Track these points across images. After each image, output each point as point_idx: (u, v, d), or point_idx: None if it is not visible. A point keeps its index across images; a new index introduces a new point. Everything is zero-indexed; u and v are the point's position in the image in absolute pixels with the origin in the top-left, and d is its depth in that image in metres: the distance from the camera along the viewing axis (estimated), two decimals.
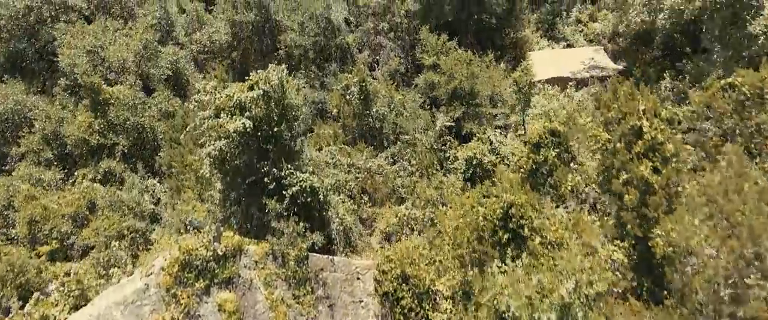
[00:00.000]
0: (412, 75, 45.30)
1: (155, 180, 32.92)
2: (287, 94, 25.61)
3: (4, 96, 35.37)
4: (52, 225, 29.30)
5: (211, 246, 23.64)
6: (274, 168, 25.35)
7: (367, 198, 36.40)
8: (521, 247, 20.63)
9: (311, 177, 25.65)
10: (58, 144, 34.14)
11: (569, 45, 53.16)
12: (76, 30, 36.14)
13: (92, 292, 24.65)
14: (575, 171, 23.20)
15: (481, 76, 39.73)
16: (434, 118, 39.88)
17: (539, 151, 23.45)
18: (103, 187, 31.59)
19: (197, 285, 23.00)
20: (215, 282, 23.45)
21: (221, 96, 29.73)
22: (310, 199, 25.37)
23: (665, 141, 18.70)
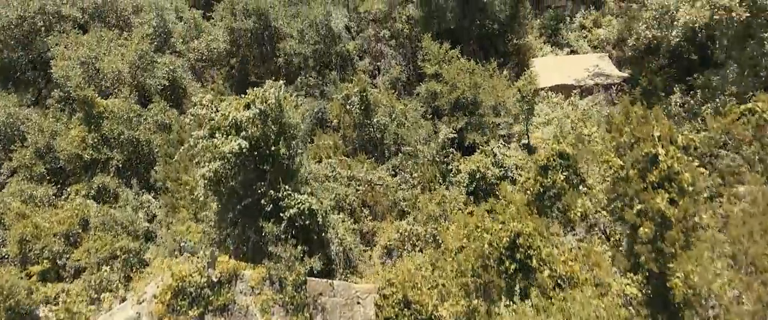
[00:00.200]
0: (413, 83, 44.14)
1: (151, 195, 31.81)
2: (285, 113, 24.48)
3: None
4: (43, 244, 28.21)
5: (205, 272, 22.56)
6: (271, 189, 24.26)
7: (367, 211, 35.36)
8: (529, 278, 19.55)
9: (310, 198, 24.54)
10: (51, 158, 33.02)
11: (573, 51, 51.93)
12: (69, 40, 34.98)
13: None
14: (585, 194, 22.03)
15: (484, 86, 38.59)
16: (436, 128, 38.76)
17: (547, 174, 22.30)
18: (96, 204, 30.52)
19: (191, 313, 21.96)
20: (210, 309, 22.39)
21: (217, 111, 28.78)
22: (308, 222, 24.26)
23: (682, 170, 17.57)
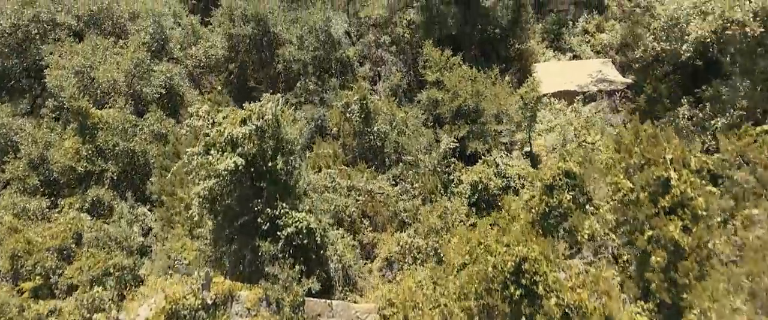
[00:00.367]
0: (414, 90, 43.24)
1: (146, 207, 30.95)
2: (282, 128, 23.60)
3: None
4: (35, 259, 27.35)
5: (199, 294, 21.71)
6: (268, 207, 23.39)
7: (367, 222, 34.59)
8: (535, 305, 18.67)
9: (308, 216, 23.66)
10: (44, 169, 32.16)
11: (576, 56, 51.01)
12: (64, 49, 34.09)
13: None
14: (592, 214, 21.15)
15: (486, 94, 37.73)
16: (438, 137, 37.92)
17: (553, 193, 21.40)
18: (90, 217, 29.68)
19: None
20: None
21: (214, 123, 27.96)
22: (306, 241, 23.39)
23: (696, 196, 16.69)
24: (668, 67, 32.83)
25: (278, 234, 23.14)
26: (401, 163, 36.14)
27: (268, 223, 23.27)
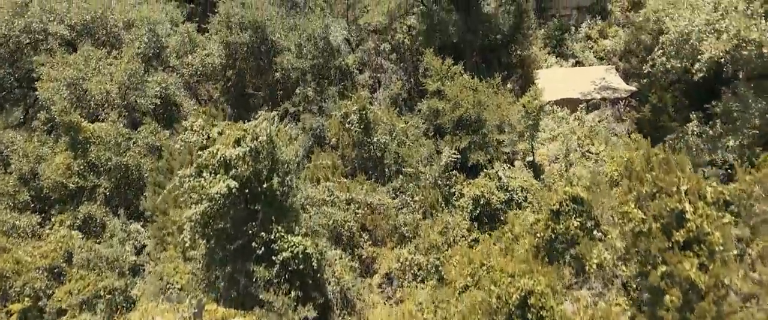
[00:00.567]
0: (415, 98, 42.20)
1: (140, 223, 29.93)
2: (278, 149, 22.54)
3: None
4: (24, 280, 26.29)
5: None
6: (262, 230, 22.34)
7: (367, 236, 33.67)
8: None
9: (304, 240, 22.61)
10: (35, 184, 31.09)
11: (578, 62, 50.02)
12: (55, 61, 32.97)
13: None
14: (600, 240, 20.12)
15: (488, 104, 36.69)
16: (438, 147, 36.90)
17: (559, 220, 20.35)
18: (81, 235, 28.64)
19: None
20: None
21: (209, 136, 26.94)
22: (302, 267, 22.36)
23: (712, 231, 15.65)
24: (674, 76, 31.66)
25: (273, 258, 22.12)
26: (401, 176, 35.18)
27: (262, 247, 22.24)
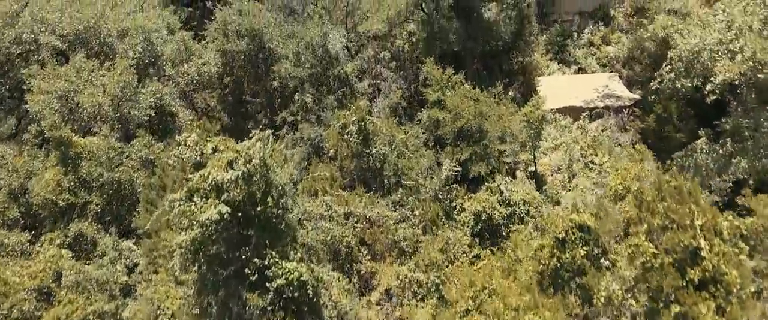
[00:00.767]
0: (415, 106, 41.16)
1: (132, 241, 28.92)
2: (271, 172, 21.52)
3: None
4: (12, 302, 25.31)
5: None
6: (256, 256, 21.35)
7: (365, 250, 32.68)
8: None
9: (300, 266, 21.60)
10: (25, 200, 30.08)
11: (581, 69, 48.93)
12: (46, 72, 31.90)
13: None
14: (608, 270, 19.08)
15: (489, 114, 35.67)
16: (439, 158, 35.91)
17: (565, 248, 19.32)
18: (72, 253, 27.64)
19: None
20: None
21: (202, 151, 25.97)
22: (297, 294, 21.36)
23: (730, 271, 14.64)
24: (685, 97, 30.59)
25: (268, 285, 21.13)
26: (401, 189, 34.16)
27: (256, 274, 21.25)
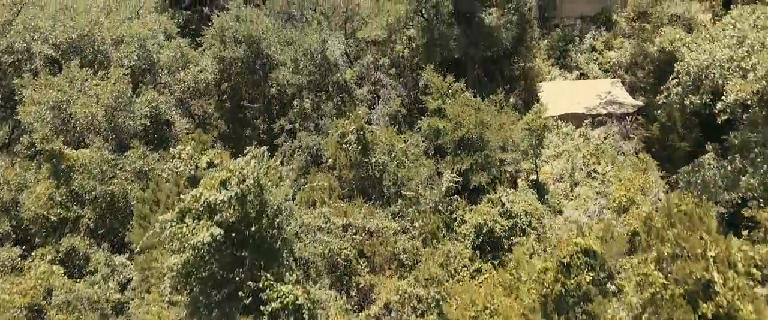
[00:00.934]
0: (415, 114, 40.32)
1: (125, 255, 28.10)
2: (266, 192, 20.69)
3: None
4: None
5: None
6: (250, 278, 20.55)
7: (364, 262, 31.86)
8: None
9: (295, 289, 20.79)
10: (16, 214, 29.25)
11: (583, 74, 48.07)
12: (39, 82, 31.05)
13: None
14: (614, 295, 18.29)
15: (490, 123, 34.83)
16: (439, 167, 35.09)
17: (570, 274, 18.51)
18: (63, 269, 26.83)
19: None
20: None
21: (197, 165, 25.18)
22: (293, 318, 20.55)
23: (744, 306, 13.83)
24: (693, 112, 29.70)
25: (262, 309, 20.32)
26: (401, 200, 33.31)
27: (250, 297, 20.44)
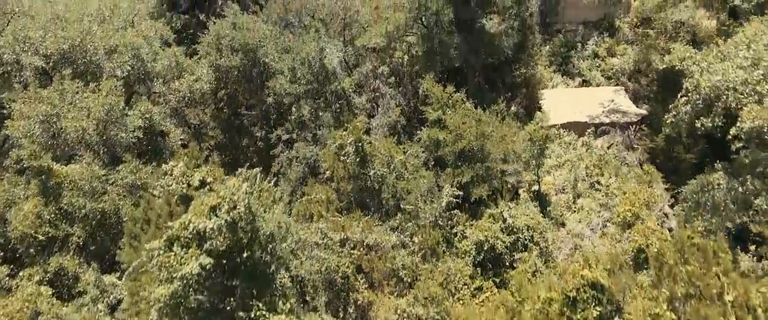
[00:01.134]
0: (414, 124, 39.26)
1: (116, 275, 27.08)
2: (258, 219, 19.66)
3: None
4: None
5: None
6: (242, 309, 19.54)
7: (363, 278, 30.95)
8: None
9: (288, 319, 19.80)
10: (5, 231, 28.25)
11: (585, 81, 46.97)
12: (28, 96, 29.98)
13: None
14: None
15: (491, 135, 33.80)
16: (439, 180, 34.09)
17: (576, 308, 17.48)
18: (52, 290, 25.84)
19: None
20: None
21: (189, 184, 24.21)
22: None
23: None
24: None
25: None
26: (400, 214, 32.35)
27: None
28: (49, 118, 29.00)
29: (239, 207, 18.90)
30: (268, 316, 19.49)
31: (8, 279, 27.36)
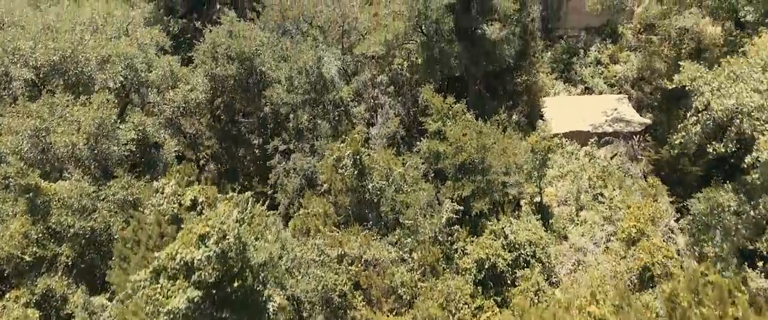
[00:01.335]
0: (414, 134, 38.20)
1: (106, 296, 26.03)
2: (249, 250, 18.62)
3: None
4: None
5: None
6: None
7: (361, 295, 30.00)
8: None
9: None
10: None
11: (588, 88, 45.92)
12: (16, 110, 28.89)
13: None
14: None
15: (493, 149, 32.76)
16: (439, 193, 33.06)
17: None
18: (39, 313, 24.82)
19: None
20: None
21: (181, 203, 23.25)
22: None
23: None
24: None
25: None
26: (399, 229, 31.31)
27: None
28: (37, 133, 27.89)
29: (229, 237, 17.84)
30: None
31: None
